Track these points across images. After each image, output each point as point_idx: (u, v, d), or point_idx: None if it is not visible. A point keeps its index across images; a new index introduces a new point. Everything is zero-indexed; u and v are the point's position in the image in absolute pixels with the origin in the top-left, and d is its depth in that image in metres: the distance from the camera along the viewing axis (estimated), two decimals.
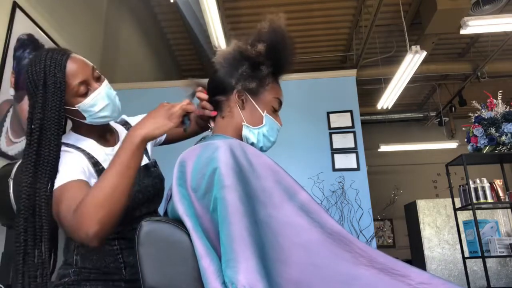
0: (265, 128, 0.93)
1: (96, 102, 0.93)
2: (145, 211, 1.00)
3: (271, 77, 0.95)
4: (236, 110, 0.93)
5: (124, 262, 0.93)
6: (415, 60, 3.77)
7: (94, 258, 0.92)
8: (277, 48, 0.92)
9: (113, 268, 0.92)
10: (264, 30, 0.93)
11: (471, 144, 2.96)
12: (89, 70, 0.94)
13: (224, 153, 0.74)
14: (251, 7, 4.54)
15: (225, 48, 0.95)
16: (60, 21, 2.58)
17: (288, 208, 0.72)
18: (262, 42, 0.91)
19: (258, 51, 0.90)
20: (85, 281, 0.90)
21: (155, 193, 1.03)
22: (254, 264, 0.62)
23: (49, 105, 0.85)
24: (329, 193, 2.88)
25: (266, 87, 0.94)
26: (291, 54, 0.95)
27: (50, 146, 0.83)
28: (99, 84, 0.95)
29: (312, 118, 3.14)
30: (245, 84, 0.91)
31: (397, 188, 5.44)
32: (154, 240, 0.71)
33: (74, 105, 0.91)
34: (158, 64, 4.88)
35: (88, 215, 0.74)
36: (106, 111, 0.95)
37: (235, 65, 0.91)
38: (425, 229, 4.65)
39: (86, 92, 0.92)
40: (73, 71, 0.90)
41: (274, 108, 0.96)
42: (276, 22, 0.94)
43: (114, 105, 0.98)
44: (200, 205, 0.74)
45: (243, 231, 0.65)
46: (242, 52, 0.91)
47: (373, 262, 0.67)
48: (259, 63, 0.91)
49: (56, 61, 0.88)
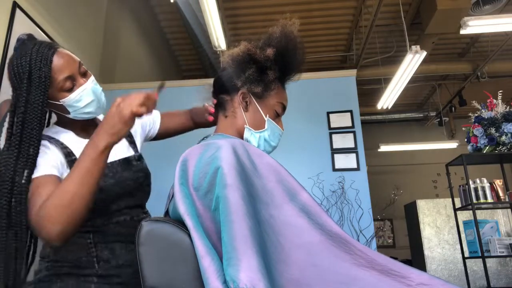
0: (267, 133, 0.93)
1: (81, 98, 0.92)
2: (124, 205, 0.98)
3: (278, 82, 0.95)
4: (239, 111, 0.93)
5: (97, 256, 0.91)
6: (415, 60, 3.77)
7: (66, 250, 0.90)
8: (286, 54, 0.92)
9: (85, 262, 0.90)
10: (276, 34, 0.92)
11: (471, 144, 2.96)
12: (75, 65, 0.93)
13: (227, 152, 0.74)
14: (251, 7, 4.54)
15: (234, 49, 0.94)
16: (60, 21, 2.58)
17: (289, 208, 0.72)
18: (272, 46, 0.91)
19: (267, 55, 0.90)
20: (56, 276, 0.88)
21: (135, 187, 1.01)
22: (256, 263, 0.62)
23: (32, 99, 0.84)
24: (329, 193, 2.88)
25: (271, 91, 0.94)
26: (300, 61, 0.95)
27: (31, 140, 0.83)
28: (85, 80, 0.94)
29: (312, 118, 3.14)
30: (251, 87, 0.91)
31: (397, 188, 5.45)
32: (154, 240, 0.71)
33: (59, 100, 0.91)
34: (158, 64, 4.88)
35: (50, 217, 0.75)
36: (91, 107, 0.95)
37: (243, 67, 0.91)
38: (425, 229, 4.65)
39: (71, 87, 0.91)
40: (59, 65, 0.89)
41: (277, 112, 0.96)
42: (288, 28, 0.93)
43: (99, 101, 0.97)
44: (201, 204, 0.74)
45: (245, 229, 0.65)
46: (251, 55, 0.91)
47: (373, 264, 0.67)
48: (267, 67, 0.91)
49: (42, 55, 0.87)
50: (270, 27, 0.94)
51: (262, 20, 4.67)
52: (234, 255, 0.63)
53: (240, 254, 0.62)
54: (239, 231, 0.64)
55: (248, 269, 0.61)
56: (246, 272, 0.60)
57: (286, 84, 0.99)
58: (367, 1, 4.38)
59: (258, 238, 0.66)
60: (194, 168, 0.78)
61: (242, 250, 0.63)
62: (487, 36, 4.98)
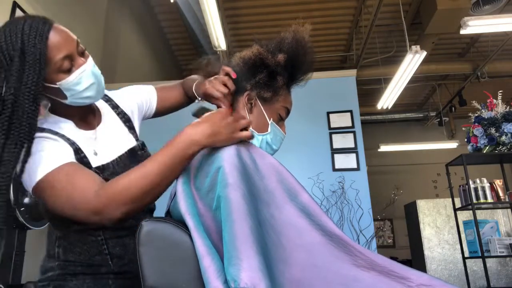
0: (269, 136, 0.93)
1: (81, 81, 0.81)
2: None
3: (285, 87, 0.95)
4: (243, 113, 0.93)
5: (110, 253, 0.86)
6: (415, 60, 3.77)
7: (76, 250, 0.85)
8: (297, 60, 0.92)
9: (99, 260, 0.86)
10: (287, 40, 0.92)
11: (471, 144, 2.96)
12: (74, 43, 0.81)
13: (229, 152, 0.74)
14: (251, 7, 4.54)
15: (245, 51, 0.93)
16: (60, 21, 2.57)
17: (290, 209, 0.73)
18: (283, 52, 0.91)
19: (278, 61, 0.90)
20: (71, 276, 0.84)
21: None
22: (257, 263, 0.62)
23: (25, 79, 0.73)
24: (329, 193, 2.88)
25: (278, 97, 0.94)
26: (310, 68, 0.95)
27: (21, 127, 0.73)
28: (83, 60, 0.82)
29: (312, 118, 3.14)
30: (259, 91, 0.91)
31: (397, 188, 5.46)
32: (154, 240, 0.71)
33: (55, 82, 0.79)
34: (158, 64, 4.89)
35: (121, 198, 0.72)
36: (91, 90, 0.84)
37: (253, 70, 0.91)
38: (425, 229, 4.65)
39: (69, 68, 0.80)
40: (56, 42, 0.77)
41: (281, 116, 0.96)
42: (300, 34, 0.92)
43: (100, 84, 0.86)
44: (202, 203, 0.74)
45: (246, 229, 0.65)
46: (263, 59, 0.90)
47: (373, 265, 0.67)
48: (277, 73, 0.91)
49: (37, 30, 0.75)
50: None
51: (262, 20, 4.67)
52: (235, 254, 0.63)
53: (241, 254, 0.62)
54: (240, 230, 0.64)
55: (249, 268, 0.61)
56: (247, 272, 0.60)
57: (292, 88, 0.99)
58: (367, 1, 4.39)
59: (259, 237, 0.66)
60: (196, 167, 0.78)
61: (243, 249, 0.63)
62: (487, 36, 4.98)
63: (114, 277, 0.87)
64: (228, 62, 0.96)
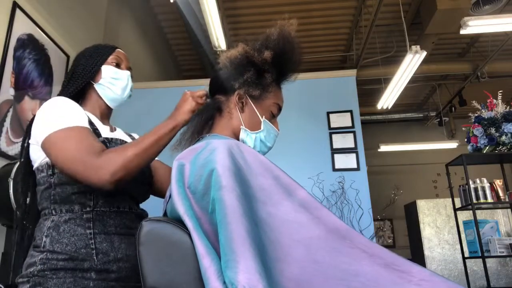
0: (263, 134, 0.94)
1: (120, 77, 1.08)
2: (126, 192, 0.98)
3: (274, 84, 0.95)
4: (235, 112, 0.93)
5: (96, 248, 0.89)
6: (415, 60, 3.77)
7: (64, 241, 0.88)
8: (284, 56, 0.92)
9: (83, 254, 0.87)
10: (273, 36, 0.92)
11: (471, 144, 2.96)
12: (127, 62, 1.13)
13: (221, 154, 0.73)
14: (251, 7, 4.54)
15: (232, 50, 0.94)
16: (60, 21, 2.58)
17: (288, 205, 0.72)
18: (269, 48, 0.91)
19: (264, 58, 0.91)
20: (51, 272, 0.85)
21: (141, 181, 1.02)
22: (254, 264, 0.61)
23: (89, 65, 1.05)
24: (329, 193, 2.88)
25: (268, 94, 0.94)
26: (298, 63, 0.95)
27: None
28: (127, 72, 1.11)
29: (312, 118, 3.14)
30: (248, 90, 0.92)
31: (397, 188, 5.45)
32: (154, 240, 0.71)
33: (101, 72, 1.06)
34: (158, 64, 4.88)
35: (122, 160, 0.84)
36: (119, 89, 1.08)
37: (241, 69, 0.92)
38: (425, 229, 4.65)
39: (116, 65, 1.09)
40: (115, 53, 1.09)
41: (273, 113, 0.96)
42: (286, 29, 0.92)
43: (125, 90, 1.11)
44: (198, 207, 0.74)
45: (242, 231, 0.64)
46: (249, 57, 0.91)
47: (375, 258, 0.67)
48: (265, 70, 0.92)
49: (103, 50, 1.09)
50: (268, 28, 0.94)
51: (262, 20, 4.67)
52: (231, 257, 0.62)
53: (238, 256, 0.62)
54: (236, 232, 0.64)
55: (246, 270, 0.60)
56: (244, 274, 0.60)
57: (282, 84, 0.99)
58: (367, 1, 4.38)
59: (256, 238, 0.66)
60: (190, 170, 0.78)
61: (239, 251, 0.62)
62: (487, 36, 4.98)
63: (96, 277, 0.87)
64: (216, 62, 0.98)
